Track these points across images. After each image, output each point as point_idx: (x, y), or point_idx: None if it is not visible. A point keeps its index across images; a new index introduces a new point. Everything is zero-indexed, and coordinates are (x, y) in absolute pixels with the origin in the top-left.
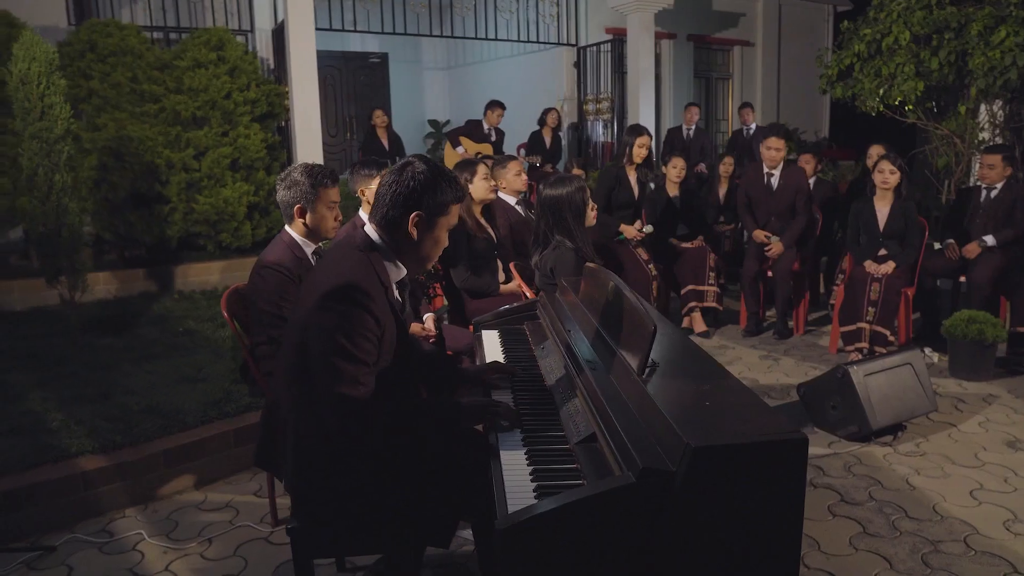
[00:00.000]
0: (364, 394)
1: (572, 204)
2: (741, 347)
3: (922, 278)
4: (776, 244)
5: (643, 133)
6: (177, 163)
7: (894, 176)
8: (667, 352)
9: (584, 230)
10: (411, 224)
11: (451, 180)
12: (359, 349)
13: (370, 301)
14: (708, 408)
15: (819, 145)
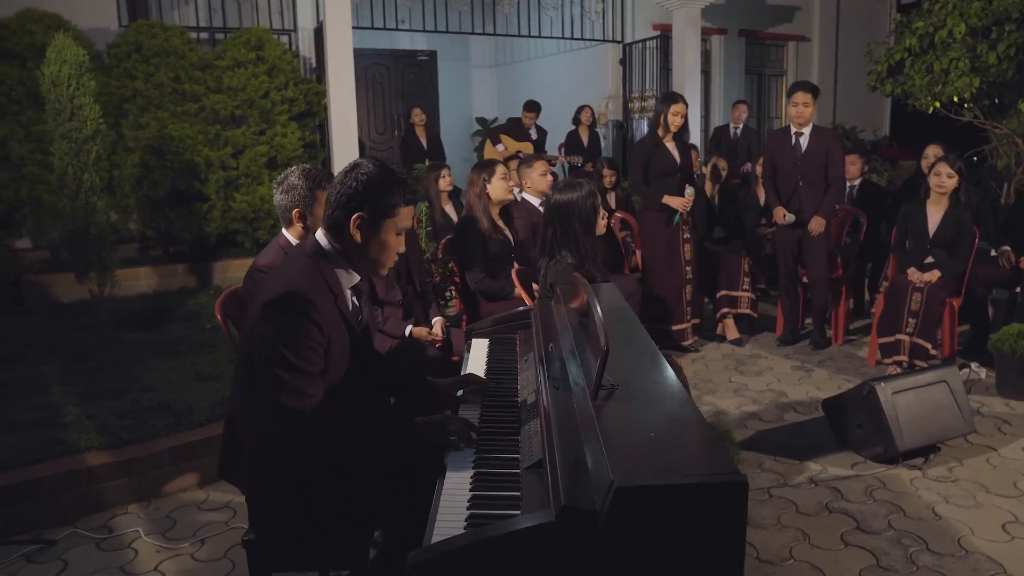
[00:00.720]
0: (308, 405)
1: (580, 211)
2: (774, 356)
3: (972, 287)
4: (814, 222)
5: (677, 100)
6: (215, 161)
7: (951, 180)
8: (633, 373)
9: (593, 240)
10: (353, 226)
11: (399, 182)
12: (302, 359)
13: (314, 310)
14: (652, 441)
15: (879, 144)
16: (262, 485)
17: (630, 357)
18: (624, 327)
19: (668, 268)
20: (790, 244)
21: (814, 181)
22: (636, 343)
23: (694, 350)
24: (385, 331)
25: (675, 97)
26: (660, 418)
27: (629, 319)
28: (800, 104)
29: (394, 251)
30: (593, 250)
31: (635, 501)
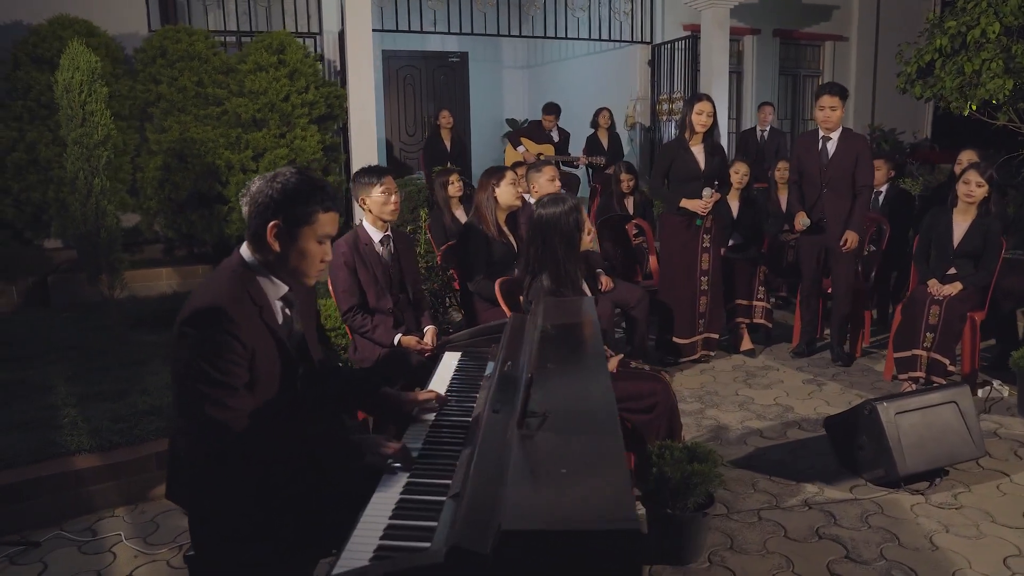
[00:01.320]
0: (232, 418)
1: (563, 228)
2: (787, 368)
3: (999, 301)
4: (850, 235)
5: (702, 99)
6: (236, 164)
7: (981, 189)
8: (572, 401)
9: (575, 258)
10: (270, 235)
11: (318, 189)
12: (223, 373)
13: (233, 324)
14: (561, 479)
15: (919, 146)
16: (200, 501)
17: (576, 383)
18: (580, 349)
19: (684, 277)
20: (814, 252)
21: (839, 188)
22: (587, 367)
23: (705, 361)
24: (374, 339)
25: (699, 96)
26: (579, 453)
27: (589, 340)
28: (827, 108)
29: (317, 259)
30: (574, 270)
31: (522, 545)
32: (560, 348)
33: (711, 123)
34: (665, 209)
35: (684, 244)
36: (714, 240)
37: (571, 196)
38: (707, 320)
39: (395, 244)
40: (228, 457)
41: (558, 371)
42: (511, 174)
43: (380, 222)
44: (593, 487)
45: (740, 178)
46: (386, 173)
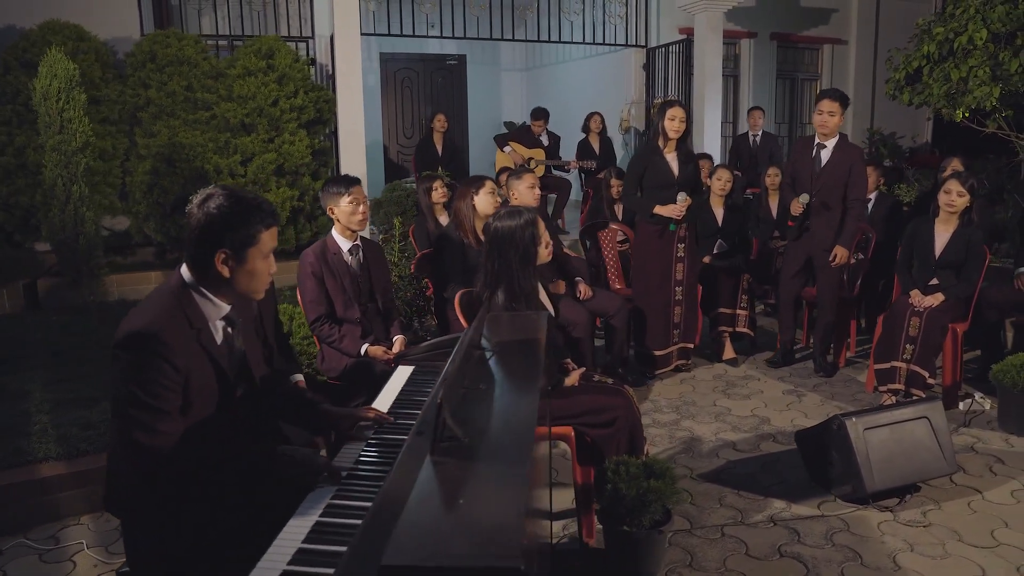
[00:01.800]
0: (161, 442)
1: (518, 241)
2: (768, 378)
3: (984, 311)
4: (840, 250)
5: (673, 105)
6: (224, 169)
7: (962, 199)
8: (494, 424)
9: (530, 273)
10: (219, 264)
11: (254, 208)
12: (153, 397)
13: (165, 348)
14: (457, 508)
15: (918, 151)
16: (133, 518)
17: (503, 405)
18: (517, 368)
19: (657, 287)
20: (798, 259)
21: (829, 197)
22: (519, 389)
23: (685, 370)
24: (341, 349)
25: (671, 102)
26: (483, 483)
27: (529, 359)
28: (825, 112)
29: (266, 275)
30: (528, 284)
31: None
32: (497, 367)
33: (684, 129)
34: (638, 218)
35: (658, 253)
36: (688, 249)
37: (527, 210)
38: (682, 330)
39: (364, 253)
40: (158, 478)
41: (488, 392)
42: (491, 183)
43: (349, 231)
44: (485, 520)
45: (723, 185)
46: (354, 183)
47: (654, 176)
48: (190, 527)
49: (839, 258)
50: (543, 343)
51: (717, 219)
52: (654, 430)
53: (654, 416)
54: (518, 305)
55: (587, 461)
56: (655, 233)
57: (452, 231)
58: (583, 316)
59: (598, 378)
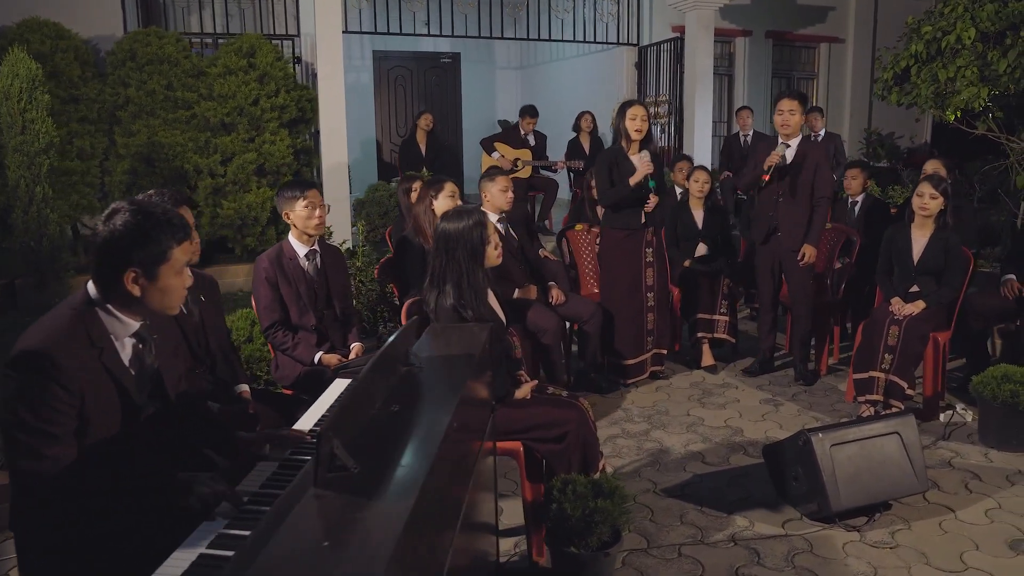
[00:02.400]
0: (47, 468)
1: (466, 243)
2: (746, 387)
3: (969, 319)
4: (808, 249)
5: (633, 104)
6: (204, 169)
7: (935, 202)
8: (388, 450)
9: (479, 273)
10: (128, 283)
11: (164, 223)
12: (42, 421)
13: (58, 370)
14: (317, 551)
15: (917, 151)
16: (24, 540)
17: (412, 428)
18: (441, 386)
19: (627, 293)
20: (768, 264)
21: (796, 197)
22: (436, 410)
23: (662, 377)
24: (295, 357)
25: (631, 102)
26: (356, 522)
27: (457, 375)
28: (786, 111)
29: (180, 291)
30: (478, 284)
31: None
32: (420, 385)
33: (647, 128)
34: (603, 222)
35: (626, 258)
36: (657, 253)
37: (477, 210)
38: (655, 336)
39: (322, 258)
40: (45, 502)
41: (400, 414)
42: (450, 186)
43: (306, 236)
44: (340, 567)
45: (701, 186)
46: (309, 187)
47: (620, 179)
48: (79, 553)
49: (807, 257)
50: (481, 357)
51: (697, 221)
52: (622, 441)
53: (624, 426)
54: (468, 305)
55: (538, 477)
56: (622, 237)
57: (412, 236)
58: (553, 322)
59: (552, 391)
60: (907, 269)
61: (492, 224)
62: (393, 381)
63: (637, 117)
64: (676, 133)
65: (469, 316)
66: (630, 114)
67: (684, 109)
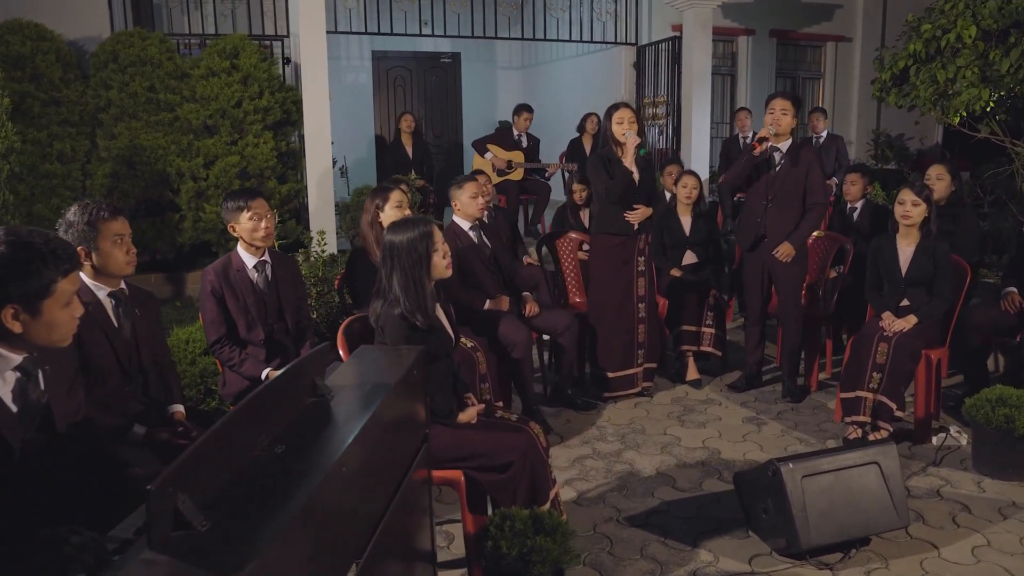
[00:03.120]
0: None
1: (412, 254)
2: (730, 403)
3: (967, 334)
4: (784, 246)
5: (619, 107)
6: (186, 172)
7: (917, 209)
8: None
9: (426, 287)
10: (7, 319)
11: (46, 254)
12: None
13: None
14: None
15: (927, 153)
16: None
17: (285, 475)
18: (338, 421)
19: (619, 304)
20: (757, 275)
21: (785, 204)
22: (323, 449)
23: (647, 394)
24: (242, 373)
25: (616, 105)
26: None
27: (361, 405)
28: (778, 111)
29: (68, 323)
30: (423, 297)
31: None
32: (319, 420)
33: (635, 132)
34: (595, 228)
35: (618, 267)
36: (649, 262)
37: (425, 219)
38: (647, 350)
39: (273, 270)
40: None
41: (279, 458)
42: (397, 195)
43: (254, 248)
44: None
45: (689, 192)
46: (254, 196)
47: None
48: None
49: (782, 252)
50: (407, 381)
51: (684, 228)
52: (591, 463)
53: (595, 445)
54: (417, 310)
55: (481, 509)
56: (615, 245)
57: (360, 252)
58: (522, 335)
59: (501, 414)
60: (895, 282)
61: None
62: (290, 415)
63: (624, 120)
64: (674, 135)
65: (420, 322)
66: (616, 117)
67: (682, 110)
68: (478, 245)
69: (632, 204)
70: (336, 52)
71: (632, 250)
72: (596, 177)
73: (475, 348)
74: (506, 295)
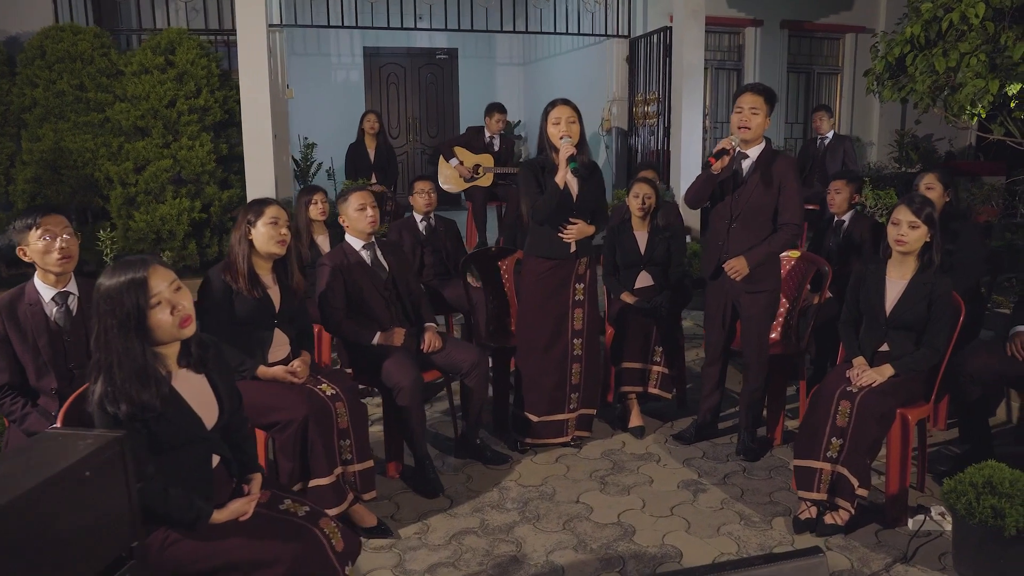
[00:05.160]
0: None
1: (118, 308)
2: (671, 460)
3: (964, 386)
4: (736, 260)
5: (556, 104)
6: (116, 177)
7: (916, 233)
8: None
9: (138, 357)
10: None
11: None
12: None
13: None
14: None
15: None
16: None
17: None
18: None
19: (548, 338)
20: (719, 308)
21: (753, 223)
22: None
23: (574, 445)
24: (25, 430)
25: (554, 102)
26: None
27: None
28: (746, 109)
29: None
30: (144, 365)
31: None
32: None
33: (577, 133)
34: (526, 250)
35: (549, 295)
36: (589, 291)
37: (141, 262)
38: (582, 393)
39: (80, 303)
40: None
41: None
42: (273, 210)
43: (51, 275)
44: None
45: (641, 203)
46: (47, 212)
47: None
48: None
49: (734, 268)
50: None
51: (640, 246)
52: (472, 540)
53: (487, 515)
54: (121, 397)
55: None
56: (547, 270)
57: (216, 274)
58: (407, 378)
59: (285, 506)
60: (876, 321)
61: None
62: None
63: (562, 120)
64: (665, 136)
65: (122, 412)
66: (553, 117)
67: (672, 107)
68: (372, 268)
69: (568, 221)
70: (326, 48)
71: (567, 276)
72: (525, 190)
73: (335, 397)
74: (403, 327)
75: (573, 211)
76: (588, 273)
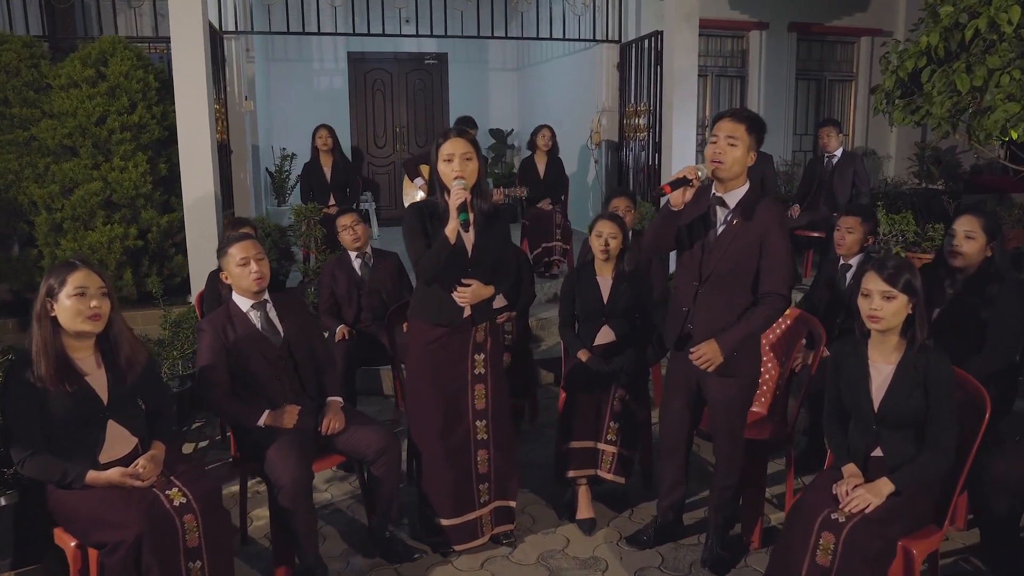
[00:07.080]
0: None
1: None
2: (620, 570)
3: (990, 497)
4: (707, 346)
5: (449, 138)
6: (41, 201)
7: (892, 306)
8: None
9: None
10: None
11: None
12: None
13: None
14: None
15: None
16: None
17: None
18: None
19: (442, 422)
20: (682, 381)
21: (724, 288)
22: None
23: (505, 541)
24: None
25: (446, 133)
26: None
27: None
28: (721, 138)
29: None
30: None
31: None
32: None
33: (474, 171)
34: (411, 314)
35: (441, 370)
36: (492, 361)
37: None
38: (493, 483)
39: None
40: None
41: None
42: (81, 275)
43: None
44: None
45: (603, 243)
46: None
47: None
48: None
49: (700, 355)
50: None
51: (602, 293)
52: None
53: None
54: None
55: None
56: (436, 338)
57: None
58: (288, 474)
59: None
60: (865, 418)
61: None
62: None
63: (456, 157)
64: (655, 151)
65: None
66: (444, 153)
67: (662, 118)
68: (261, 333)
69: (462, 279)
70: (307, 54)
71: (462, 346)
72: (409, 241)
73: (183, 508)
74: (298, 403)
75: (467, 269)
76: (489, 341)
